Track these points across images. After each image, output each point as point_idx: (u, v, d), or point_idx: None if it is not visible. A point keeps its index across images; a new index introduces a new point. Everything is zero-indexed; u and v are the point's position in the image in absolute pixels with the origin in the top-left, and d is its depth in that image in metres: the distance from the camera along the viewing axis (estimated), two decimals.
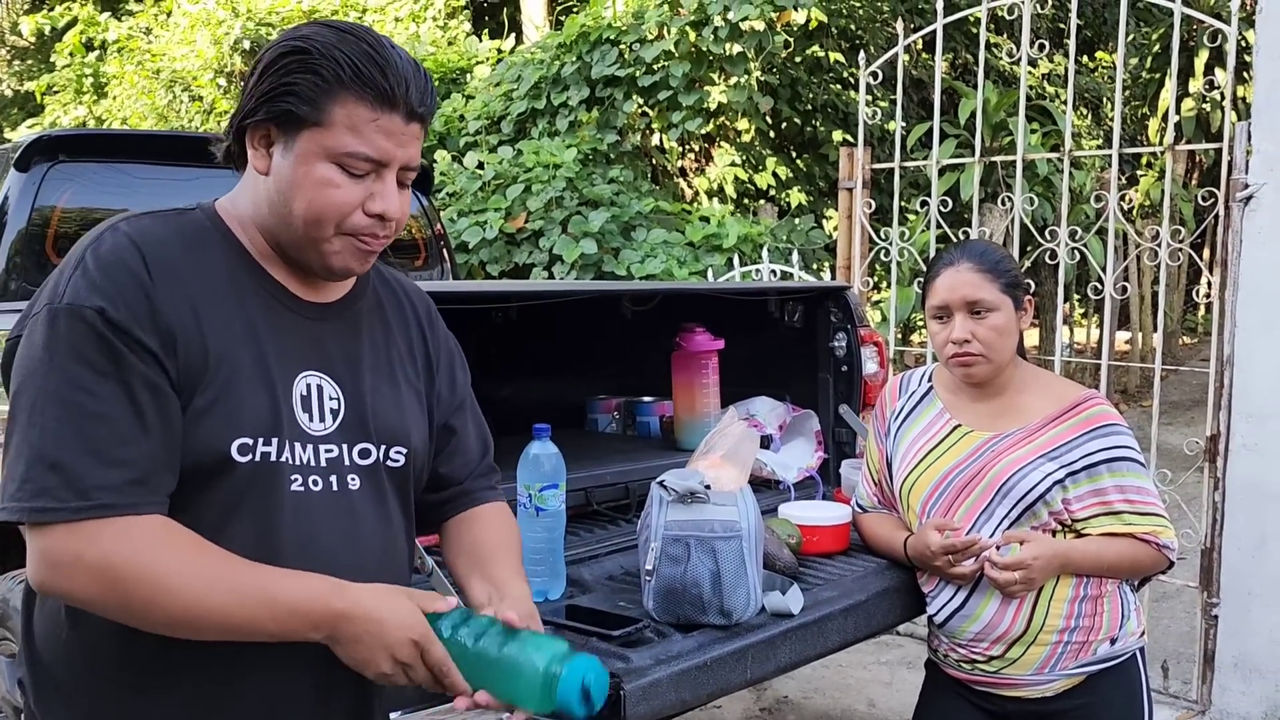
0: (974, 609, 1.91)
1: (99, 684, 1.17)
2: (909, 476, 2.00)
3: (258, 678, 1.18)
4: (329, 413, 1.22)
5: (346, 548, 1.21)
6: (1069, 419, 1.91)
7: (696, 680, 1.59)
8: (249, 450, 1.14)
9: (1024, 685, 1.90)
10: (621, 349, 3.18)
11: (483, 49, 9.11)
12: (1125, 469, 1.88)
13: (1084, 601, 1.88)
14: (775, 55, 7.73)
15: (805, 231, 6.71)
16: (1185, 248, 3.61)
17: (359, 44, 1.14)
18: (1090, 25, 11.52)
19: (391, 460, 1.27)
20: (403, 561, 1.33)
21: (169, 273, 1.13)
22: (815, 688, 3.68)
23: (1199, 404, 3.12)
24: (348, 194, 1.15)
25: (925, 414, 2.04)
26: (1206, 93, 6.47)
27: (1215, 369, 3.30)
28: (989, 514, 1.90)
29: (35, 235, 3.07)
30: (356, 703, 1.28)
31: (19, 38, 15.20)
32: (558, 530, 1.91)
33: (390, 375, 1.30)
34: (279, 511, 1.16)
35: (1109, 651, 1.90)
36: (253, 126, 1.17)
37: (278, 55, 1.15)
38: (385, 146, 1.15)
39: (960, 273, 1.91)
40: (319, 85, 1.12)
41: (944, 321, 1.94)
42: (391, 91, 1.13)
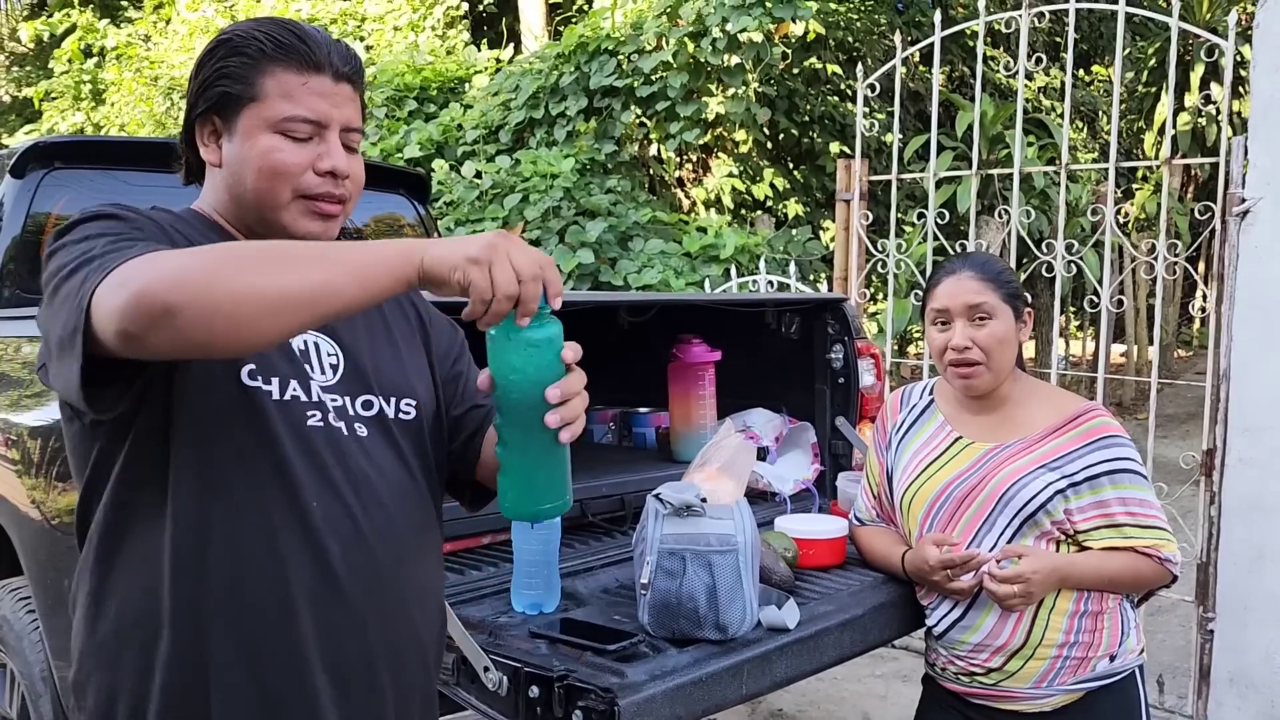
0: (974, 620, 1.90)
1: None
2: (910, 488, 1.99)
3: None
4: (329, 367, 1.25)
5: (366, 486, 1.22)
6: (1070, 430, 1.91)
7: (691, 695, 1.58)
8: (257, 376, 1.17)
9: (1022, 699, 1.89)
10: (618, 360, 3.17)
11: (481, 59, 9.12)
12: (1127, 481, 1.88)
13: (1084, 617, 1.87)
14: (773, 67, 7.75)
15: (802, 243, 6.72)
16: (1181, 261, 3.61)
17: (275, 24, 1.23)
18: (1086, 39, 11.56)
19: (403, 413, 1.29)
20: (430, 515, 1.34)
21: (169, 228, 1.19)
22: (810, 701, 3.66)
23: (1194, 417, 3.12)
24: (293, 156, 1.21)
25: (927, 426, 2.04)
26: (1203, 107, 6.48)
27: (1211, 383, 3.30)
28: (990, 524, 1.89)
29: (30, 242, 3.05)
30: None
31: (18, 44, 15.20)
32: (553, 543, 1.89)
33: (388, 334, 1.34)
34: (295, 448, 1.18)
35: (1108, 669, 1.89)
36: (199, 123, 1.25)
37: (206, 53, 1.24)
38: (320, 107, 1.22)
39: (962, 280, 1.92)
40: (246, 63, 1.21)
41: (944, 328, 1.94)
42: (314, 54, 1.22)
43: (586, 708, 1.49)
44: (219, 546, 1.15)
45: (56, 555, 2.20)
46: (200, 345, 0.97)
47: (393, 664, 1.25)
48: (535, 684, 1.56)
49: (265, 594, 1.16)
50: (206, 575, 1.15)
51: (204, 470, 1.15)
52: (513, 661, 1.61)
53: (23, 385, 2.47)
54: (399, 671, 1.26)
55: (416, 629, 1.29)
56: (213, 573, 1.15)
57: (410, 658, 1.28)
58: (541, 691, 1.55)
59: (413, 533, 1.28)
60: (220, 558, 1.15)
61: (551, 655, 1.65)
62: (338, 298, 1.00)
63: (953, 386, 1.98)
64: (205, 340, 0.96)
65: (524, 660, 1.61)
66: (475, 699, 1.64)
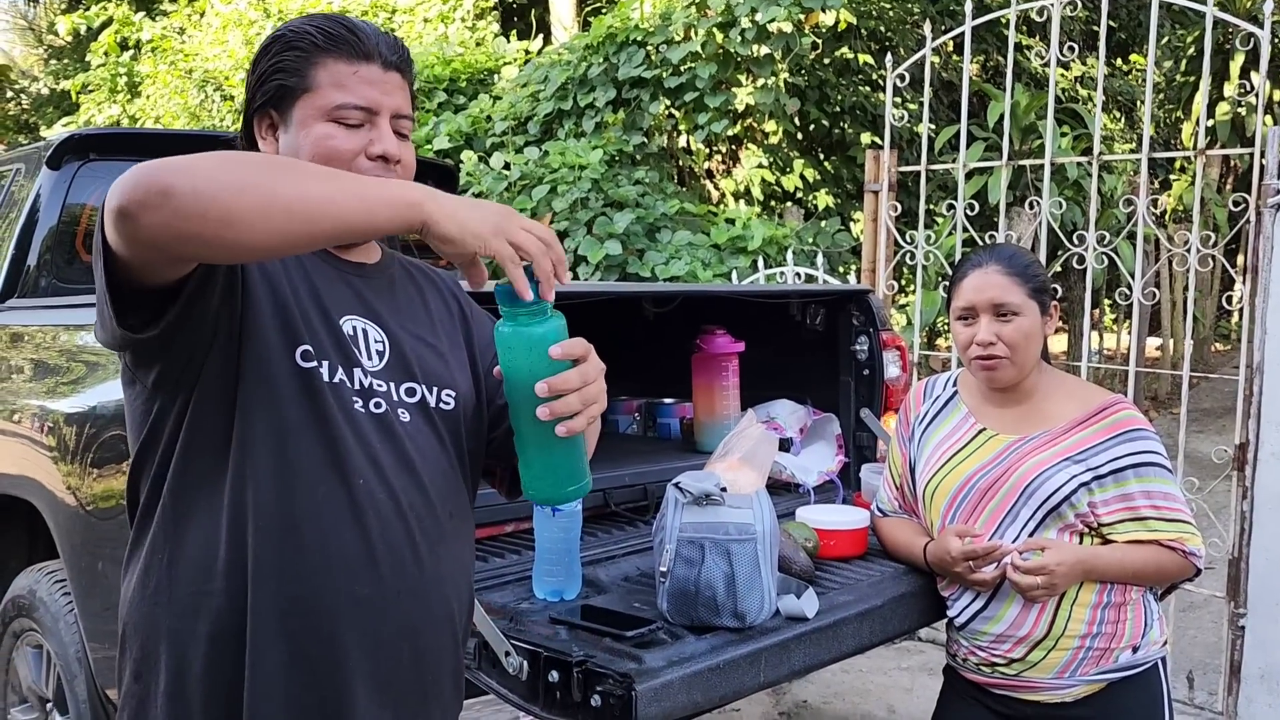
0: (995, 611, 1.90)
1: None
2: (933, 479, 1.99)
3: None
4: (375, 353, 1.28)
5: (407, 470, 1.26)
6: (1095, 423, 1.90)
7: (709, 682, 1.59)
8: (311, 358, 1.21)
9: (1043, 689, 1.89)
10: (642, 350, 3.18)
11: (511, 50, 9.13)
12: (1152, 474, 1.87)
13: (1107, 608, 1.86)
14: (803, 57, 7.70)
15: (831, 234, 6.68)
16: (1217, 254, 3.56)
17: (325, 18, 1.29)
18: (1124, 28, 11.39)
19: (444, 403, 1.33)
20: (465, 500, 1.37)
21: None
22: (835, 692, 3.66)
23: (1230, 412, 3.07)
24: (345, 142, 1.25)
25: (950, 418, 2.04)
26: (1241, 96, 6.37)
27: (1245, 376, 3.25)
28: (1013, 517, 1.89)
29: (66, 233, 3.11)
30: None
31: (55, 37, 15.43)
32: (574, 531, 1.91)
33: (431, 327, 1.37)
34: (345, 426, 1.22)
35: (1130, 660, 1.88)
36: (257, 118, 1.30)
37: (261, 50, 1.30)
38: (370, 94, 1.26)
39: (988, 274, 1.91)
40: (299, 56, 1.26)
41: (969, 323, 1.93)
42: (363, 44, 1.26)
43: (604, 692, 1.50)
44: (270, 513, 1.19)
45: (91, 539, 2.25)
46: (189, 236, 0.97)
47: (423, 641, 1.28)
48: (554, 669, 1.58)
49: (307, 562, 1.19)
50: (258, 538, 1.19)
51: (260, 441, 1.19)
52: (533, 646, 1.63)
53: (60, 373, 2.52)
54: (430, 649, 1.29)
55: (450, 608, 1.32)
56: (263, 536, 1.19)
57: (443, 638, 1.31)
58: (560, 676, 1.57)
59: (448, 516, 1.31)
60: (270, 523, 1.19)
61: (571, 641, 1.67)
62: (337, 217, 1.03)
63: (976, 379, 1.98)
64: (195, 230, 0.97)
65: (544, 645, 1.63)
66: (496, 683, 1.66)
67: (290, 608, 1.19)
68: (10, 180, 3.26)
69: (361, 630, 1.22)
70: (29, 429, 2.55)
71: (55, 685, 2.44)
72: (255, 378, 1.19)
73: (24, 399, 2.61)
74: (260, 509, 1.19)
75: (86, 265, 3.21)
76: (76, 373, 2.45)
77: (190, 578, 1.21)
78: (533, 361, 1.13)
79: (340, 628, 1.21)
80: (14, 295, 3.02)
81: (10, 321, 2.88)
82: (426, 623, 1.28)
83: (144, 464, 1.26)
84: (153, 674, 1.22)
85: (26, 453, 2.52)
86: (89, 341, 2.45)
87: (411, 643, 1.26)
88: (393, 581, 1.23)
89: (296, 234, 1.02)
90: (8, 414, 2.65)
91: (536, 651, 1.61)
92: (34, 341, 2.73)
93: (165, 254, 1.03)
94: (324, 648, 1.21)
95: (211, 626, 1.20)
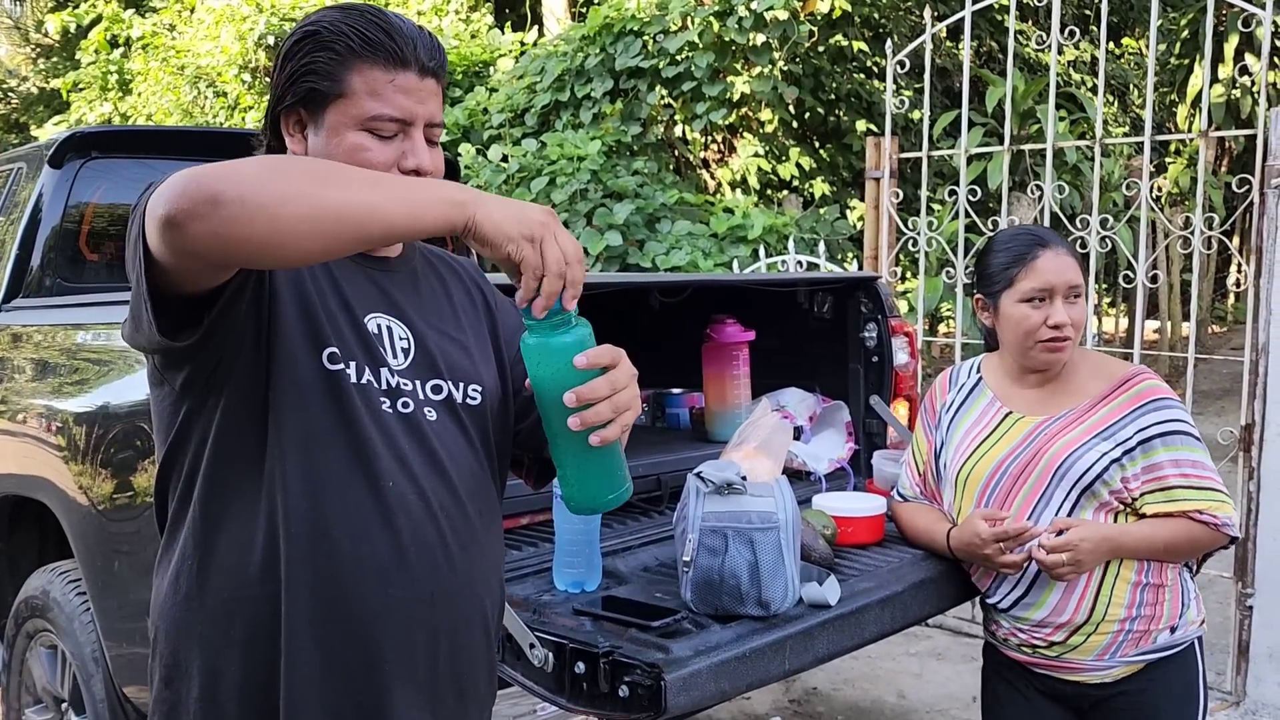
0: (1037, 598, 1.89)
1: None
2: (964, 466, 1.98)
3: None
4: (400, 351, 1.27)
5: (436, 470, 1.25)
6: (1119, 395, 1.90)
7: (735, 671, 1.59)
8: (338, 360, 1.19)
9: (1084, 670, 1.90)
10: (650, 341, 3.18)
11: (505, 42, 9.11)
12: (1179, 442, 1.86)
13: (1145, 589, 1.87)
14: (799, 45, 7.69)
15: (830, 222, 6.69)
16: (1217, 235, 3.57)
17: (362, 16, 1.22)
18: (1116, 10, 11.39)
19: (470, 398, 1.32)
20: (494, 497, 1.36)
21: None
22: (845, 679, 3.67)
23: (1229, 393, 3.09)
24: (380, 155, 1.22)
25: (977, 404, 2.04)
26: (1238, 79, 6.38)
27: (1250, 357, 3.26)
28: (1047, 499, 1.89)
29: (69, 232, 3.10)
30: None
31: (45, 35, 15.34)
32: (594, 523, 1.91)
33: (455, 322, 1.36)
34: (373, 428, 1.21)
35: (1169, 640, 1.89)
36: (284, 114, 1.25)
37: (293, 44, 1.24)
38: (406, 104, 1.22)
39: (1060, 256, 1.91)
40: (334, 59, 1.21)
41: (1039, 305, 1.90)
42: (401, 51, 1.21)
43: (633, 683, 1.50)
44: (302, 518, 1.18)
45: (106, 538, 2.25)
46: (236, 243, 0.98)
47: (458, 640, 1.28)
48: (581, 660, 1.58)
49: (340, 567, 1.19)
50: (290, 543, 1.18)
51: (289, 445, 1.18)
52: (558, 638, 1.63)
53: (65, 373, 2.51)
54: (464, 647, 1.29)
55: (482, 606, 1.31)
56: (295, 541, 1.18)
57: (477, 636, 1.31)
58: (587, 667, 1.57)
59: (478, 514, 1.30)
60: (302, 528, 1.18)
61: (596, 632, 1.67)
62: (384, 222, 1.02)
63: (1036, 362, 1.94)
64: (243, 237, 0.97)
65: (569, 637, 1.63)
66: (521, 675, 1.66)
67: (324, 612, 1.19)
68: (12, 180, 3.24)
69: (396, 632, 1.22)
70: (37, 429, 2.54)
71: (71, 685, 2.44)
72: (283, 381, 1.18)
73: (29, 399, 2.60)
74: (291, 514, 1.18)
75: (90, 264, 3.21)
76: (84, 372, 2.44)
77: (222, 584, 1.20)
78: (559, 371, 1.11)
79: (375, 631, 1.20)
80: (18, 295, 3.01)
81: (15, 321, 2.87)
82: (460, 622, 1.28)
83: (172, 466, 1.25)
84: (185, 680, 1.22)
85: (35, 453, 2.51)
86: (93, 340, 2.44)
87: (448, 642, 1.26)
88: (426, 583, 1.23)
89: (347, 240, 1.02)
90: (12, 415, 2.64)
91: (562, 643, 1.61)
92: (39, 341, 2.71)
93: (211, 261, 1.03)
94: (359, 651, 1.20)
95: (245, 632, 1.19)
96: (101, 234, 3.20)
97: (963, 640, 3.91)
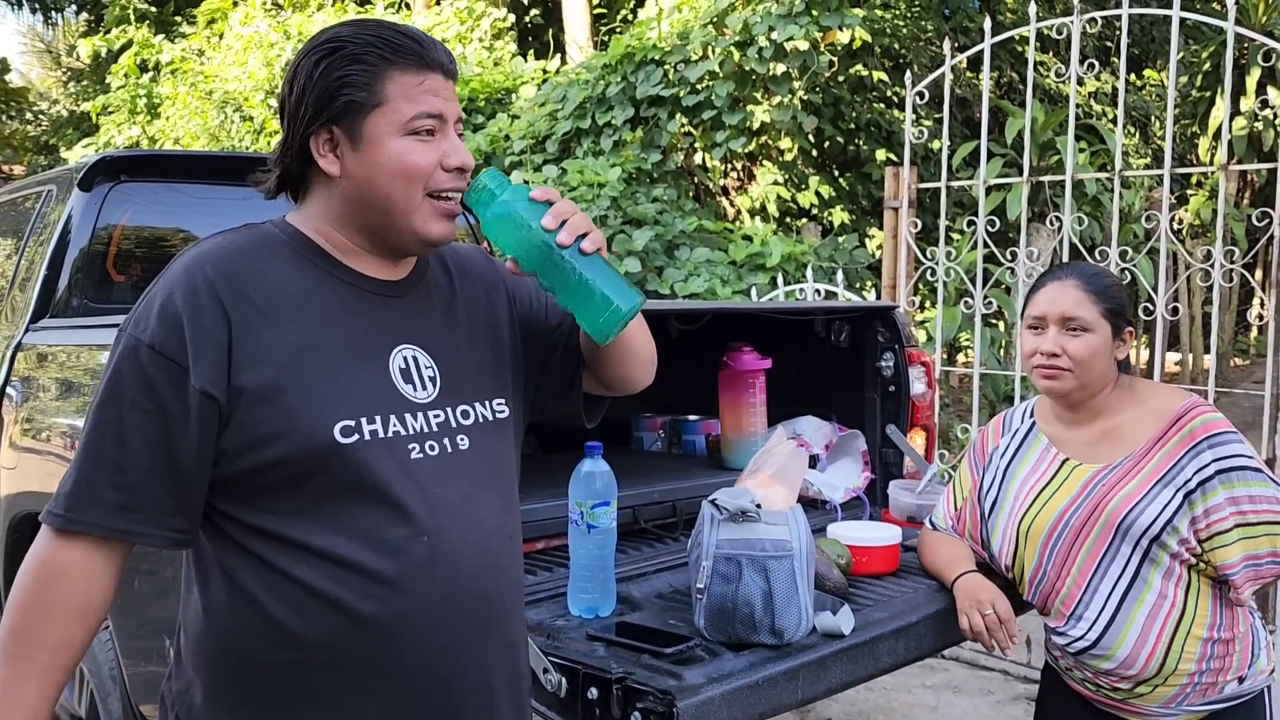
0: (1107, 649, 1.85)
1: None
2: (1025, 516, 1.95)
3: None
4: (428, 380, 1.28)
5: (467, 506, 1.27)
6: (1173, 436, 1.84)
7: (748, 699, 1.59)
8: (353, 431, 1.20)
9: (1147, 715, 1.88)
10: (667, 367, 3.18)
11: (528, 69, 9.20)
12: (1237, 479, 1.78)
13: (1216, 644, 1.83)
14: (819, 75, 7.73)
15: (849, 251, 6.69)
16: (1238, 268, 3.56)
17: (381, 26, 1.26)
18: (1138, 43, 11.40)
19: (498, 413, 1.35)
20: (519, 513, 1.40)
21: (235, 291, 1.19)
22: (860, 710, 3.64)
23: (1251, 426, 3.06)
24: (424, 156, 1.24)
25: (1032, 451, 2.01)
26: (1259, 112, 6.37)
27: (1271, 390, 3.25)
28: (1113, 554, 1.84)
29: (97, 254, 3.14)
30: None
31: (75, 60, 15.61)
32: (609, 548, 1.92)
33: (471, 334, 1.37)
34: (405, 481, 1.22)
35: (1236, 690, 1.85)
36: (315, 135, 1.24)
37: (316, 61, 1.23)
38: (438, 103, 1.25)
39: (1064, 288, 1.90)
40: (368, 70, 1.22)
41: (1038, 332, 1.92)
42: (426, 54, 1.25)
43: (645, 709, 1.51)
44: (349, 583, 1.20)
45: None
46: None
47: (497, 674, 1.31)
48: (594, 685, 1.58)
49: (386, 627, 1.21)
50: (336, 607, 1.20)
51: (318, 528, 1.19)
52: (571, 663, 1.63)
53: (89, 392, 2.54)
54: (503, 678, 1.32)
55: (517, 633, 1.36)
56: (341, 605, 1.20)
57: (517, 659, 1.36)
58: (600, 693, 1.57)
59: (507, 540, 1.34)
60: (349, 592, 1.20)
61: (609, 657, 1.67)
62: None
63: (1040, 388, 1.95)
64: None
65: (582, 662, 1.63)
66: (534, 700, 1.66)
67: (379, 668, 1.21)
68: (42, 202, 3.30)
69: (446, 681, 1.25)
70: (60, 448, 2.57)
71: (89, 703, 2.46)
72: (289, 470, 1.18)
73: (54, 418, 2.64)
74: (331, 582, 1.19)
75: (117, 285, 3.25)
76: None
77: (268, 644, 1.20)
78: (527, 215, 1.25)
79: (427, 681, 1.24)
80: (46, 315, 3.05)
81: (42, 341, 2.91)
82: (501, 651, 1.31)
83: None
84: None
85: (58, 471, 2.52)
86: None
87: (492, 675, 1.30)
88: (474, 628, 1.26)
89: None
90: (37, 433, 2.67)
91: (575, 668, 1.62)
92: (64, 361, 2.75)
93: None
94: (415, 707, 1.23)
95: (297, 690, 1.21)
96: (128, 256, 3.25)
97: (979, 673, 3.88)
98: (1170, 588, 1.82)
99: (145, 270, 3.28)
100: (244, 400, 1.17)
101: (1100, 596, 1.85)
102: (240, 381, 1.16)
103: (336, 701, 1.21)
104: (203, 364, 1.16)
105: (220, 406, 1.16)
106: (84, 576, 1.18)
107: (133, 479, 1.16)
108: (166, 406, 1.16)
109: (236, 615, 1.20)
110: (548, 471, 2.10)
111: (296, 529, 1.18)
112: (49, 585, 1.18)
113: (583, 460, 1.91)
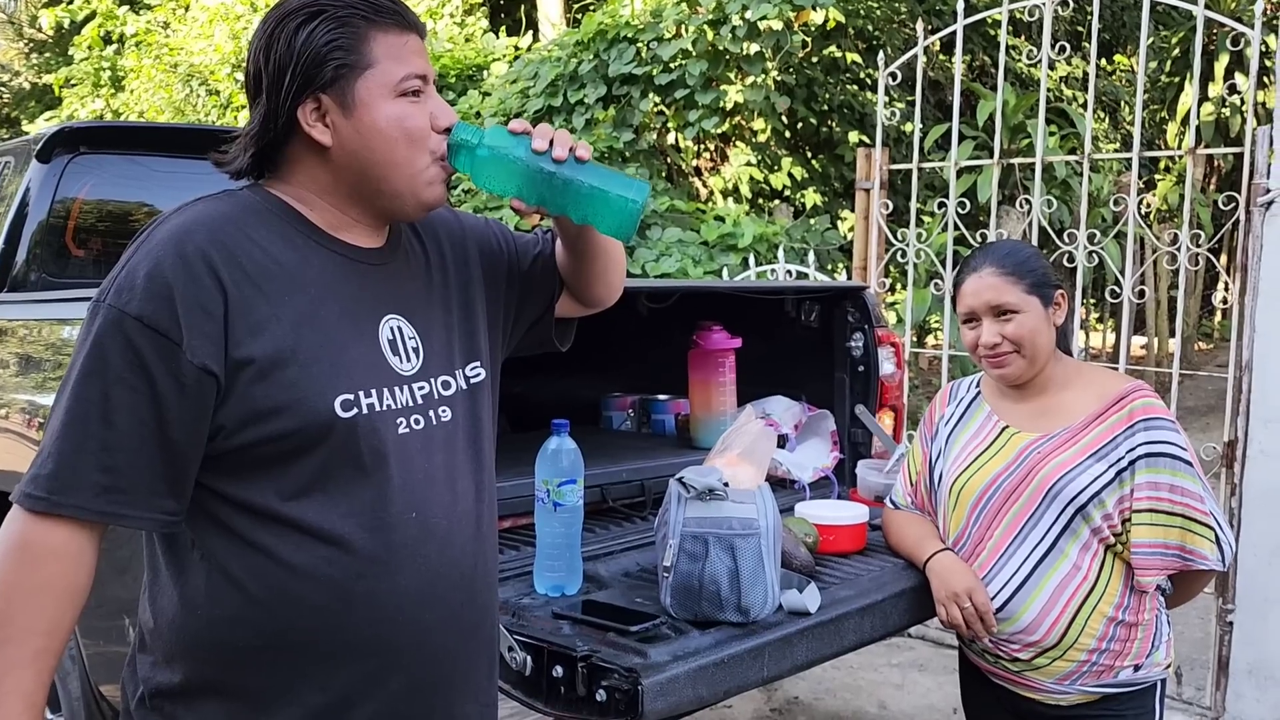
0: (1014, 611, 1.88)
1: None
2: (959, 479, 1.98)
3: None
4: (412, 352, 1.27)
5: (450, 478, 1.27)
6: (1112, 414, 1.87)
7: (714, 677, 1.59)
8: (352, 405, 1.18)
9: (1040, 690, 1.90)
10: (636, 347, 3.18)
11: (500, 46, 9.12)
12: (1163, 465, 1.81)
13: (1120, 625, 1.85)
14: (792, 55, 7.72)
15: (821, 232, 6.70)
16: (1204, 252, 3.59)
17: None
18: (1109, 28, 11.47)
19: (474, 377, 1.34)
20: (492, 471, 1.39)
21: (231, 261, 1.15)
22: (826, 689, 3.67)
23: (1214, 410, 3.11)
24: (419, 119, 1.23)
25: (975, 418, 2.03)
26: (1227, 97, 6.43)
27: (1234, 374, 3.28)
28: (1036, 519, 1.87)
29: (56, 227, 3.09)
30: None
31: (38, 31, 15.29)
32: (575, 526, 1.91)
33: (445, 299, 1.35)
34: (392, 456, 1.20)
35: (1130, 678, 1.88)
36: (303, 104, 1.19)
37: (298, 27, 1.18)
38: (422, 64, 1.24)
39: (982, 278, 1.91)
40: (355, 32, 1.19)
41: (973, 326, 1.94)
42: (404, 15, 1.24)
43: (610, 687, 1.50)
44: (335, 561, 1.18)
45: None
46: None
47: (476, 643, 1.32)
48: (559, 664, 1.57)
49: (380, 604, 1.20)
50: (326, 583, 1.18)
51: (312, 504, 1.17)
52: (536, 642, 1.62)
53: (49, 368, 2.50)
54: (477, 648, 1.33)
55: (492, 605, 1.37)
56: (331, 583, 1.18)
57: (487, 631, 1.36)
58: (565, 671, 1.56)
59: (487, 508, 1.34)
60: (336, 572, 1.18)
61: (575, 636, 1.66)
62: None
63: (993, 376, 1.98)
64: None
65: (547, 640, 1.62)
66: (499, 679, 1.65)
67: (370, 648, 1.20)
68: None
69: (435, 656, 1.25)
70: (19, 424, 2.52)
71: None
72: (290, 444, 1.16)
73: (12, 394, 2.59)
74: (322, 562, 1.17)
75: (76, 259, 3.19)
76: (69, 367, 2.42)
77: (253, 629, 1.18)
78: (514, 150, 1.25)
79: (417, 659, 1.23)
80: (3, 289, 3.00)
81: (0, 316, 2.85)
82: (483, 624, 1.32)
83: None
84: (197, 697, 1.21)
85: (16, 448, 2.49)
86: (77, 335, 2.43)
87: (475, 649, 1.31)
88: (461, 602, 1.27)
89: None
90: None
91: (540, 647, 1.61)
92: (23, 336, 2.70)
93: None
94: (401, 691, 1.23)
95: (285, 672, 1.20)
96: (88, 230, 3.19)
97: (944, 651, 3.92)
98: (1086, 560, 1.85)
99: (106, 244, 3.22)
100: (243, 374, 1.13)
101: (1015, 560, 1.88)
102: (238, 355, 1.13)
103: (324, 684, 1.19)
104: (198, 337, 1.11)
105: (218, 381, 1.12)
106: (71, 557, 1.13)
107: (119, 460, 1.11)
108: (155, 382, 1.11)
109: (216, 600, 1.17)
110: (516, 450, 2.09)
111: (289, 506, 1.16)
112: (35, 568, 1.11)
113: (549, 438, 1.89)
